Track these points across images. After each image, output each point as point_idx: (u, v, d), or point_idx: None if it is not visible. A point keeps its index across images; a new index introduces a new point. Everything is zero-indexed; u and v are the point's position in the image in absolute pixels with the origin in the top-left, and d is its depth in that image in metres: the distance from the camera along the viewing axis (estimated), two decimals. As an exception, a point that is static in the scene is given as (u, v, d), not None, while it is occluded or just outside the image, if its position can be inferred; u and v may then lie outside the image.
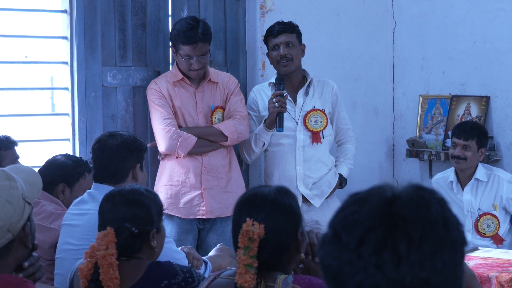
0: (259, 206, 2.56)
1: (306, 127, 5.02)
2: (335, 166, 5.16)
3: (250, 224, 2.49)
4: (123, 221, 2.92)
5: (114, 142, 3.60)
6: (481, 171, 5.05)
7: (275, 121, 4.87)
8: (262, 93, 5.12)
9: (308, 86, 5.09)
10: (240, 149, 5.14)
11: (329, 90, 5.13)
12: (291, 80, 5.08)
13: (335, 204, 5.00)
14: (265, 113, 5.04)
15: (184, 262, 3.42)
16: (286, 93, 4.92)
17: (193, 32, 4.77)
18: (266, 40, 5.08)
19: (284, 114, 4.89)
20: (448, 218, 1.36)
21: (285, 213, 2.56)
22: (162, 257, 3.06)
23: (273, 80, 5.07)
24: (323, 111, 5.05)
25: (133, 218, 2.93)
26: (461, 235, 1.37)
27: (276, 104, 4.83)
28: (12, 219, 2.33)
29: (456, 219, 1.37)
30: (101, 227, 2.92)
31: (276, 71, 5.12)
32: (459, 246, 1.36)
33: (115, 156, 3.58)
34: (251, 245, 2.48)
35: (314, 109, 5.03)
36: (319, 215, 5.02)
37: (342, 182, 5.12)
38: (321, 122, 5.04)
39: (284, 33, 5.01)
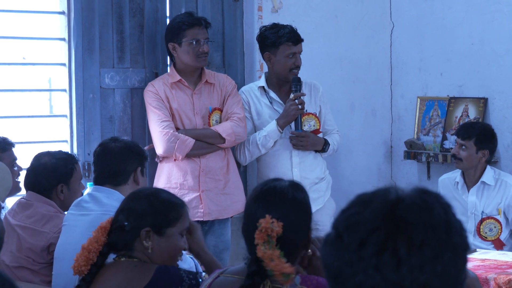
0: (277, 203, 2.53)
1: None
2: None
3: (269, 222, 2.46)
4: (119, 211, 2.88)
5: (117, 145, 3.69)
6: (489, 174, 5.00)
7: (292, 121, 4.94)
8: (253, 96, 5.12)
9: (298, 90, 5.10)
10: (237, 150, 5.13)
11: (316, 93, 5.16)
12: (283, 84, 5.08)
13: (331, 205, 5.11)
14: (256, 117, 5.08)
15: (191, 263, 3.40)
16: (305, 93, 4.99)
17: (195, 16, 4.93)
18: (276, 43, 4.98)
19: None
20: (451, 223, 1.36)
21: (301, 211, 2.56)
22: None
23: (262, 83, 5.09)
24: (315, 115, 5.07)
25: (128, 210, 2.86)
26: (463, 240, 1.37)
27: (299, 106, 4.88)
28: None
29: (459, 224, 1.37)
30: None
31: (263, 74, 5.15)
32: (461, 250, 1.36)
33: (117, 158, 3.66)
34: (269, 240, 2.45)
35: (307, 113, 5.05)
36: (315, 215, 5.01)
37: (325, 145, 5.05)
38: (314, 125, 5.06)
39: (301, 43, 5.03)
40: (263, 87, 5.08)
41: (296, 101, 4.89)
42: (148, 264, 2.83)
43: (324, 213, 4.99)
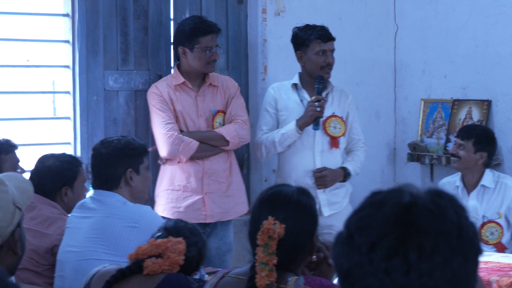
0: (281, 205, 2.54)
1: (326, 132, 5.01)
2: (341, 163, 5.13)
3: (271, 223, 2.47)
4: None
5: (104, 150, 3.69)
6: (488, 177, 5.01)
7: (310, 123, 4.89)
8: (282, 93, 5.06)
9: (327, 93, 5.07)
10: (255, 146, 5.09)
11: (345, 100, 5.12)
12: (312, 85, 5.03)
13: (349, 211, 4.98)
14: (283, 112, 5.03)
15: None
16: (326, 99, 4.94)
17: (208, 23, 4.88)
18: (306, 41, 4.96)
19: None
20: (463, 228, 1.35)
21: (306, 215, 2.57)
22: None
23: (295, 81, 5.05)
24: (341, 118, 5.04)
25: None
26: (475, 245, 1.36)
27: (318, 109, 4.84)
28: (1, 223, 2.25)
29: (472, 229, 1.37)
30: None
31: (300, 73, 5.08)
32: (472, 256, 1.35)
33: (104, 164, 3.66)
34: (270, 243, 2.46)
35: (334, 115, 5.02)
36: (332, 219, 4.99)
37: (346, 176, 5.05)
38: (339, 128, 5.02)
39: (332, 41, 5.00)
40: (296, 84, 5.06)
41: (316, 103, 4.87)
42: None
43: (341, 219, 4.93)
